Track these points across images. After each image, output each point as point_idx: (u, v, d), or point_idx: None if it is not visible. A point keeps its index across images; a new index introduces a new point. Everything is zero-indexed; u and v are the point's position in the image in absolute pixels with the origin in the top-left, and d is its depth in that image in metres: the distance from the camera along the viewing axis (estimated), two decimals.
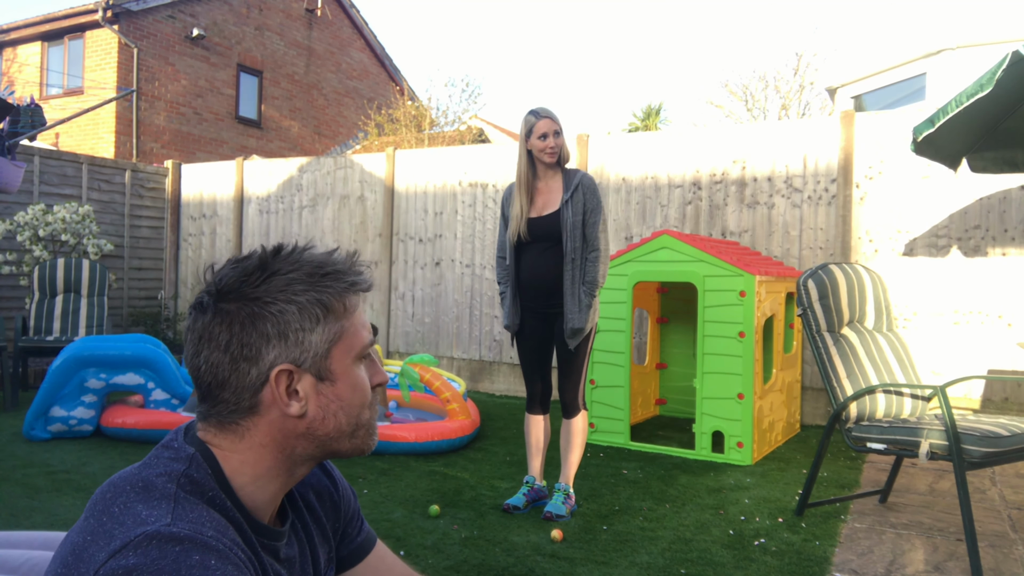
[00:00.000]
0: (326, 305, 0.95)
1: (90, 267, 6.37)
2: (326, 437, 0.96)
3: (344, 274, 0.98)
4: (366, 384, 0.99)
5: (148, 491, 0.84)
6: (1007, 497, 3.63)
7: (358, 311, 1.00)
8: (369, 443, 1.01)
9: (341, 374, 0.96)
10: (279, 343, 0.92)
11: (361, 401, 0.98)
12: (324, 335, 0.95)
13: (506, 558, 2.79)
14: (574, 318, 3.23)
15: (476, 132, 15.06)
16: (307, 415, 0.94)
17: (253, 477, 0.93)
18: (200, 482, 0.88)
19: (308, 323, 0.93)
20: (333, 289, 0.96)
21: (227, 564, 0.78)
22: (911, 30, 10.32)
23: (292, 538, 1.02)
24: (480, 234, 6.62)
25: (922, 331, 5.05)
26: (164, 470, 0.87)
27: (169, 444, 0.93)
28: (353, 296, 0.99)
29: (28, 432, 4.44)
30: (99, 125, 11.81)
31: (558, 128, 3.31)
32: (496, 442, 4.68)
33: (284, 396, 0.93)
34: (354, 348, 0.98)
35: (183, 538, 0.77)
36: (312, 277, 0.95)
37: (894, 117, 5.21)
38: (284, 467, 0.95)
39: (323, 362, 0.95)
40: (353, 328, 0.98)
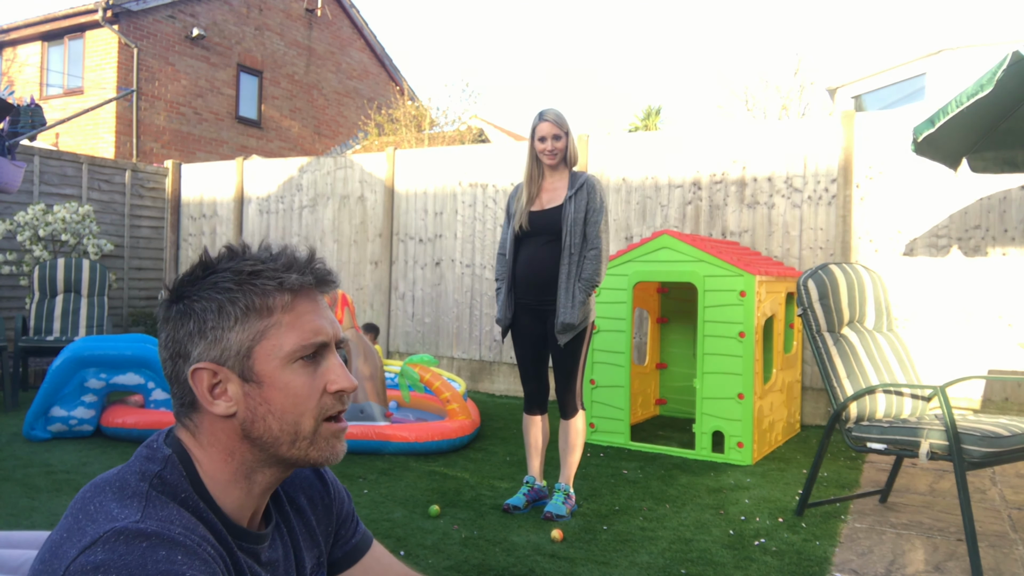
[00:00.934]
0: (246, 304, 0.92)
1: (90, 267, 6.37)
2: (263, 442, 0.93)
3: (274, 272, 0.94)
4: (302, 389, 0.94)
5: (122, 490, 0.86)
6: (1007, 497, 3.63)
7: (295, 311, 0.95)
8: (317, 455, 0.95)
9: (267, 376, 0.93)
10: (200, 340, 0.92)
11: (296, 407, 0.93)
12: (244, 334, 0.92)
13: (506, 558, 2.80)
14: (566, 313, 3.23)
15: (476, 132, 15.06)
16: (237, 416, 0.93)
17: (225, 479, 0.93)
18: (172, 483, 0.89)
19: (226, 321, 0.92)
20: (255, 287, 0.93)
21: (194, 559, 0.79)
22: (911, 30, 10.32)
23: (276, 541, 1.01)
24: (480, 234, 6.62)
25: (922, 331, 5.05)
26: (139, 469, 0.89)
27: (149, 444, 0.94)
28: (281, 295, 0.94)
29: (28, 432, 4.44)
30: (99, 125, 11.81)
31: (558, 132, 3.31)
32: (496, 442, 4.68)
33: (207, 394, 0.93)
34: (282, 349, 0.93)
35: (150, 534, 0.78)
36: (239, 275, 0.93)
37: (894, 117, 5.21)
38: (241, 472, 0.94)
39: (246, 362, 0.92)
40: (283, 328, 0.93)
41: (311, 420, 0.94)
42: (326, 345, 0.96)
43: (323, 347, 0.96)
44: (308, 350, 0.94)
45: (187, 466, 0.91)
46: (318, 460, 0.96)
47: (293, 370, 0.93)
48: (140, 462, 0.91)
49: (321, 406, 0.94)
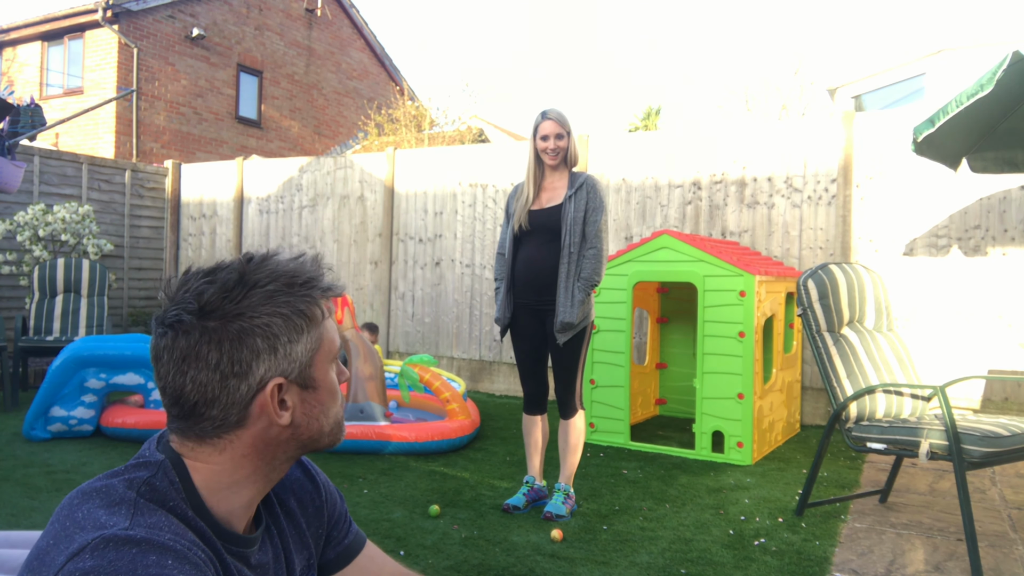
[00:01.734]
0: (307, 314, 0.95)
1: (90, 267, 6.37)
2: (308, 439, 0.97)
3: (318, 280, 0.98)
4: (337, 385, 1.01)
5: (109, 497, 0.85)
6: (1007, 497, 3.63)
7: (328, 315, 1.02)
8: (340, 436, 1.03)
9: (321, 380, 0.98)
10: (269, 357, 0.91)
11: (336, 402, 1.01)
12: (308, 344, 0.95)
13: (506, 558, 2.79)
14: (565, 312, 3.23)
15: (476, 132, 15.06)
16: (293, 423, 0.95)
17: (228, 484, 0.93)
18: (161, 490, 0.88)
19: (294, 334, 0.94)
20: (310, 297, 0.96)
21: (185, 563, 0.78)
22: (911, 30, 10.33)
23: (266, 544, 1.01)
24: (480, 234, 6.62)
25: (922, 331, 5.05)
26: (127, 476, 0.89)
27: (141, 453, 0.94)
28: (323, 301, 0.99)
29: (28, 432, 4.44)
30: (99, 125, 11.81)
31: (561, 131, 3.31)
32: (496, 442, 4.68)
33: (277, 409, 0.93)
34: (331, 353, 0.99)
35: (139, 540, 0.78)
36: (291, 287, 0.94)
37: (894, 117, 5.21)
38: (262, 472, 0.96)
39: (307, 371, 0.95)
40: (329, 334, 0.99)
41: (340, 408, 1.02)
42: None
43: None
44: (339, 353, 1.01)
45: (180, 472, 0.91)
46: (336, 443, 1.02)
47: (331, 370, 1.00)
48: (129, 470, 0.91)
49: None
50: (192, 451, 0.92)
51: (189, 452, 0.92)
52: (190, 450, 0.92)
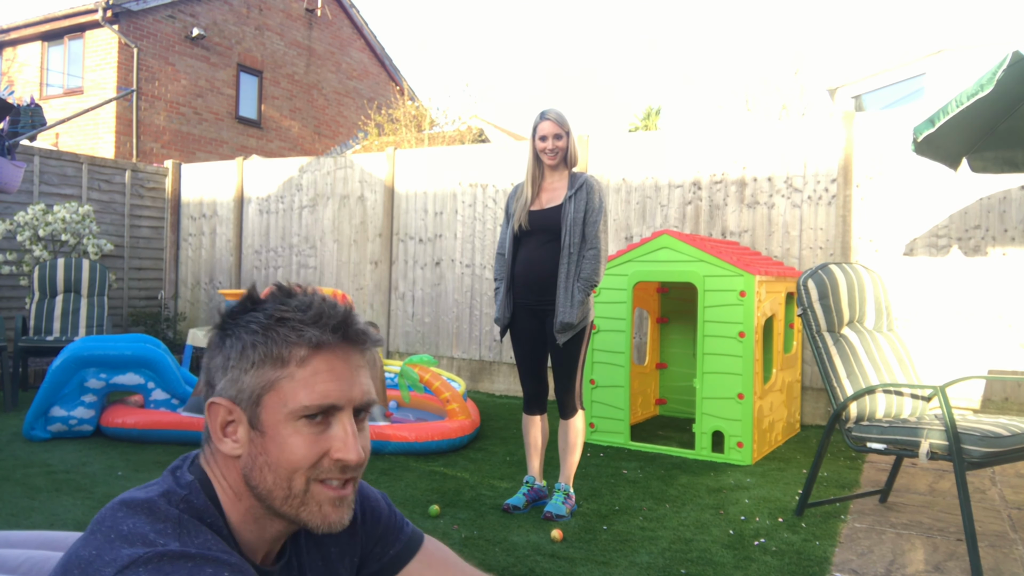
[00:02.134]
0: (265, 351, 0.90)
1: (90, 267, 6.37)
2: (259, 493, 0.91)
3: (298, 322, 0.91)
4: (299, 449, 0.90)
5: (153, 513, 0.85)
6: (1007, 497, 3.63)
7: (310, 368, 0.91)
8: (308, 517, 0.91)
9: (270, 427, 0.90)
10: (222, 376, 0.92)
11: (289, 465, 0.90)
12: (258, 380, 0.90)
13: (506, 558, 2.80)
14: (564, 312, 3.23)
15: (476, 132, 15.06)
16: (241, 459, 0.92)
17: (235, 517, 0.93)
18: (199, 507, 0.89)
19: (245, 363, 0.91)
20: (277, 335, 0.90)
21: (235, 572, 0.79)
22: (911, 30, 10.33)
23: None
24: (480, 234, 6.62)
25: (922, 331, 5.05)
26: (165, 491, 0.89)
27: (172, 470, 0.95)
28: (299, 348, 0.90)
29: (28, 432, 4.44)
30: (99, 125, 11.81)
31: (560, 131, 3.31)
32: (496, 442, 4.68)
33: (218, 430, 0.92)
34: (287, 404, 0.90)
35: (194, 555, 0.79)
36: (269, 320, 0.91)
37: (894, 117, 5.21)
38: (250, 515, 0.93)
39: (255, 408, 0.90)
40: (294, 382, 0.90)
41: (302, 479, 0.90)
42: (336, 408, 0.92)
43: (332, 410, 0.91)
44: (311, 411, 0.90)
45: (209, 494, 0.92)
46: (309, 522, 0.92)
47: (296, 428, 0.90)
48: (165, 485, 0.91)
49: (317, 468, 0.91)
50: (209, 470, 0.94)
51: (208, 469, 0.94)
52: (208, 467, 0.95)
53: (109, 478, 3.74)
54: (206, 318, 8.18)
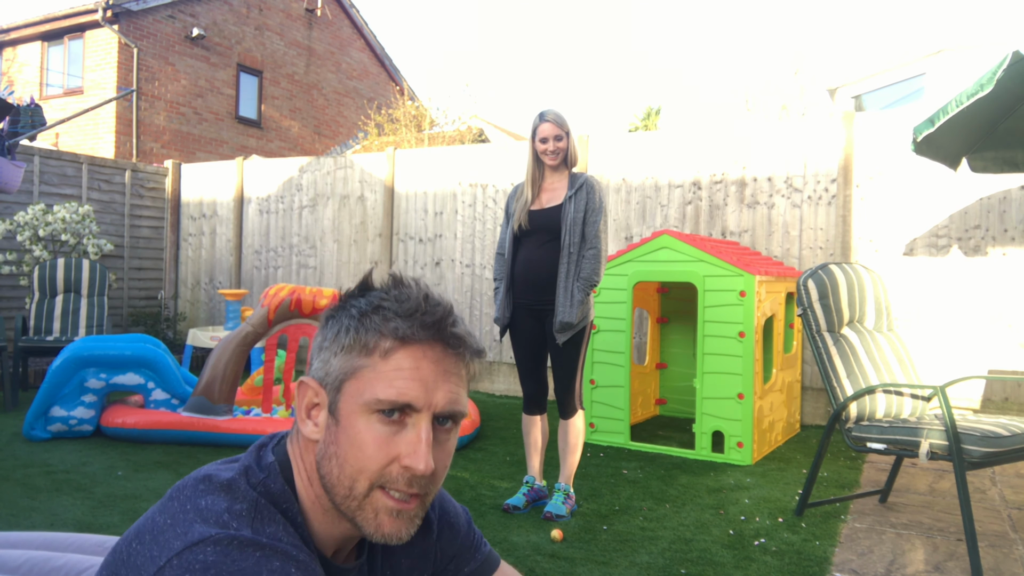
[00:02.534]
0: (356, 336, 0.88)
1: (90, 267, 6.37)
2: (326, 483, 0.89)
3: (393, 314, 0.88)
4: (369, 446, 0.86)
5: (232, 492, 0.84)
6: (1007, 497, 3.63)
7: (392, 361, 0.87)
8: (363, 521, 0.87)
9: (345, 416, 0.88)
10: (317, 355, 0.92)
11: (356, 462, 0.86)
12: (343, 364, 0.89)
13: (506, 558, 2.79)
14: (564, 311, 3.23)
15: (476, 132, 15.06)
16: (319, 445, 0.90)
17: (307, 503, 0.90)
18: (276, 493, 0.87)
19: (336, 346, 0.90)
20: (370, 323, 0.88)
21: (308, 573, 0.78)
22: (911, 30, 10.34)
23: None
24: (480, 234, 6.62)
25: (922, 331, 5.05)
26: (246, 470, 0.89)
27: (257, 447, 0.94)
28: (385, 339, 0.88)
29: (28, 432, 4.44)
30: (99, 125, 11.81)
31: (559, 132, 3.31)
32: (496, 442, 4.68)
33: (302, 411, 0.91)
34: (364, 394, 0.87)
35: (264, 545, 0.78)
36: (369, 306, 0.90)
37: (894, 117, 5.21)
38: (319, 504, 0.90)
39: (336, 394, 0.89)
40: (375, 373, 0.87)
41: (367, 482, 0.86)
42: (413, 410, 0.87)
43: (409, 410, 0.87)
44: (384, 405, 0.86)
45: (287, 477, 0.90)
46: (364, 528, 0.88)
47: (369, 422, 0.86)
48: (248, 462, 0.90)
49: (384, 474, 0.86)
50: (293, 451, 0.93)
51: (292, 451, 0.93)
52: (292, 448, 0.93)
53: (109, 478, 3.74)
54: (206, 318, 8.18)
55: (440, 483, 0.92)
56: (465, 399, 0.93)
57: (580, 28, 71.56)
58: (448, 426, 0.91)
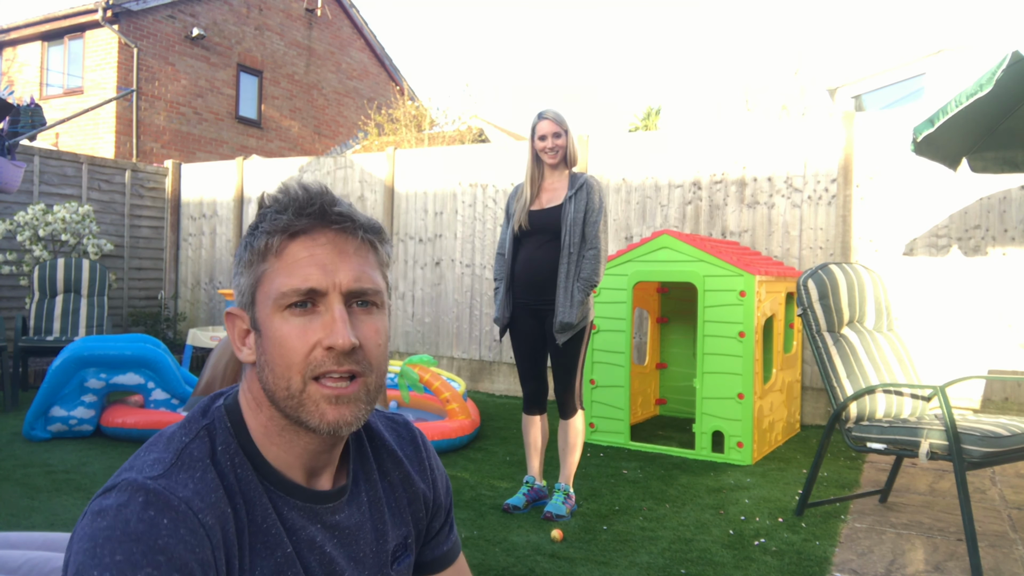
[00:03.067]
0: (251, 247, 0.90)
1: (90, 267, 6.37)
2: (269, 394, 0.89)
3: (275, 214, 0.89)
4: (289, 340, 0.86)
5: (169, 441, 0.89)
6: (1007, 497, 3.63)
7: (286, 255, 0.88)
8: (307, 416, 0.87)
9: (263, 323, 0.89)
10: (234, 285, 0.94)
11: (283, 358, 0.86)
12: (248, 279, 0.90)
13: (506, 558, 2.79)
14: (564, 312, 3.23)
15: (476, 132, 15.05)
16: (256, 365, 0.91)
17: (259, 432, 0.91)
18: (217, 434, 0.90)
19: (240, 266, 0.92)
20: (259, 230, 0.90)
21: (179, 527, 0.79)
22: (911, 30, 10.34)
23: (354, 508, 0.97)
24: (480, 234, 6.62)
25: (922, 331, 5.05)
26: (189, 420, 0.92)
27: (213, 395, 0.97)
28: (271, 237, 0.88)
29: (28, 432, 4.44)
30: (99, 125, 11.81)
31: (559, 130, 3.31)
32: (496, 442, 4.68)
33: (236, 340, 0.93)
34: (271, 294, 0.87)
35: (151, 490, 0.80)
36: (256, 219, 0.91)
37: (894, 117, 5.21)
38: (272, 427, 0.90)
39: (252, 309, 0.90)
40: (274, 271, 0.88)
41: (298, 376, 0.86)
42: (320, 294, 0.87)
43: (316, 295, 0.87)
44: (292, 296, 0.86)
45: (234, 417, 0.92)
46: (310, 423, 0.87)
47: (283, 318, 0.87)
48: (196, 413, 0.93)
49: (310, 362, 0.86)
50: (242, 389, 0.94)
51: (241, 389, 0.94)
52: (242, 386, 0.94)
53: (109, 478, 3.73)
54: (206, 318, 8.18)
55: (379, 364, 0.91)
56: (377, 277, 0.92)
57: (580, 28, 71.53)
58: (367, 307, 0.91)
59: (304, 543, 0.90)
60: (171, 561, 0.76)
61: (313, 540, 0.90)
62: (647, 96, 44.86)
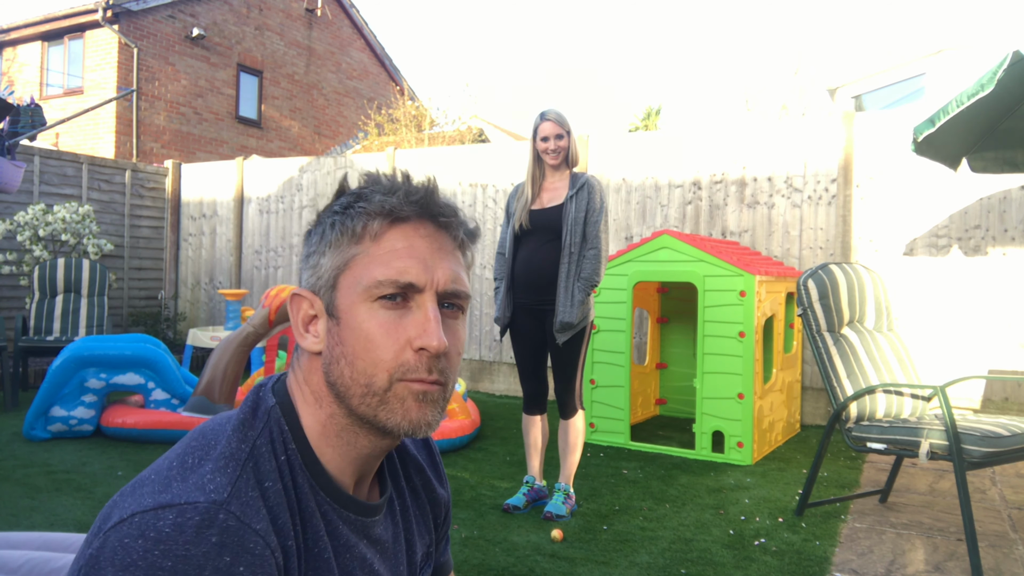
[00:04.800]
0: (343, 226, 0.82)
1: (90, 267, 6.37)
2: (340, 389, 0.81)
3: (377, 194, 0.83)
4: (377, 334, 0.79)
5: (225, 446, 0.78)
6: (1007, 497, 3.63)
7: (385, 242, 0.82)
8: (387, 416, 0.80)
9: (345, 311, 0.81)
10: (306, 266, 0.86)
11: (368, 353, 0.79)
12: (333, 260, 0.82)
13: (506, 558, 2.79)
14: (565, 311, 3.23)
15: (476, 132, 15.06)
16: (323, 355, 0.83)
17: (316, 431, 0.83)
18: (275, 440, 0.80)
19: (322, 246, 0.84)
20: (355, 210, 0.83)
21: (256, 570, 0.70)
22: (911, 30, 10.33)
23: (387, 520, 0.90)
24: (480, 234, 6.61)
25: (922, 331, 5.05)
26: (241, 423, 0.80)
27: (256, 391, 0.86)
28: (372, 220, 0.82)
29: (28, 432, 4.44)
30: (99, 125, 11.81)
31: (560, 131, 3.31)
32: (496, 442, 4.68)
33: (299, 325, 0.85)
34: (361, 281, 0.80)
35: (224, 529, 0.70)
36: (351, 197, 0.84)
37: (894, 117, 5.21)
38: (332, 427, 0.83)
39: (331, 294, 0.82)
40: (369, 257, 0.81)
41: (385, 375, 0.79)
42: (416, 289, 0.81)
43: (411, 290, 0.81)
44: (386, 288, 0.80)
45: (289, 416, 0.82)
46: (389, 423, 0.81)
47: (371, 310, 0.80)
48: (246, 411, 0.82)
49: (400, 362, 0.79)
50: (294, 382, 0.85)
51: (293, 382, 0.86)
52: (294, 379, 0.86)
53: (109, 478, 3.74)
54: (206, 318, 8.18)
55: (456, 372, 0.85)
56: (467, 280, 0.87)
57: (580, 28, 71.55)
58: (453, 311, 0.85)
59: (357, 561, 0.83)
60: None
61: (364, 558, 0.84)
62: (647, 96, 44.87)
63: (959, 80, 8.32)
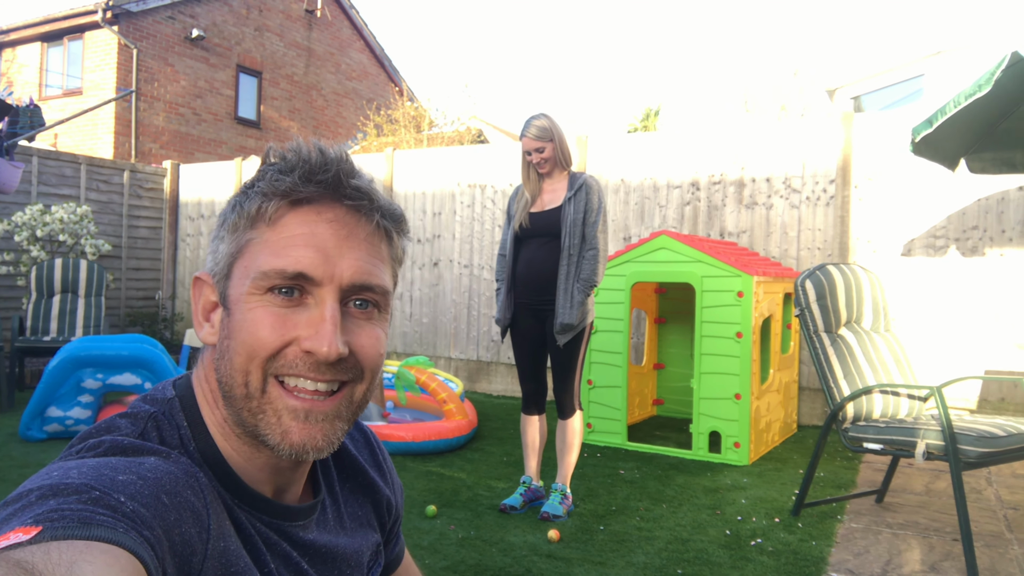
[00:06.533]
0: (241, 208, 0.73)
1: (88, 267, 6.36)
2: (225, 390, 0.71)
3: (278, 173, 0.72)
4: (260, 327, 0.69)
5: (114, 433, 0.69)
6: (1003, 497, 3.63)
7: (282, 227, 0.71)
8: (264, 427, 0.69)
9: (235, 301, 0.71)
10: (210, 249, 0.77)
11: (246, 346, 0.69)
12: (229, 246, 0.73)
13: (503, 558, 2.79)
14: (564, 313, 3.23)
15: (475, 132, 15.06)
16: (216, 349, 0.73)
17: (222, 435, 0.73)
18: (172, 425, 0.72)
19: (223, 229, 0.75)
20: (255, 190, 0.73)
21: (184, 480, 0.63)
22: (910, 30, 10.33)
23: (323, 523, 0.82)
24: (478, 235, 6.62)
25: (919, 331, 5.05)
26: (131, 412, 0.72)
27: (153, 387, 0.78)
28: (269, 202, 0.71)
29: (24, 432, 4.44)
30: (98, 126, 11.81)
31: (540, 145, 3.27)
32: (493, 442, 4.68)
33: (198, 313, 0.76)
34: (251, 269, 0.70)
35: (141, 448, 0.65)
36: (256, 176, 0.75)
37: (893, 118, 5.21)
38: (231, 431, 0.73)
39: (225, 283, 0.73)
40: (262, 243, 0.71)
41: (259, 370, 0.69)
42: (313, 283, 0.70)
43: (307, 283, 0.70)
44: (273, 279, 0.70)
45: (190, 411, 0.73)
46: (270, 441, 0.70)
47: (260, 302, 0.70)
48: (138, 403, 0.74)
49: (279, 359, 0.69)
50: (196, 378, 0.77)
51: (196, 378, 0.77)
52: (196, 374, 0.77)
53: None
54: None
55: (371, 381, 0.74)
56: (385, 275, 0.75)
57: (580, 28, 71.61)
58: (366, 309, 0.74)
59: (280, 558, 0.74)
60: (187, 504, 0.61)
61: (289, 556, 0.75)
62: (646, 96, 44.84)
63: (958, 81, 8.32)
